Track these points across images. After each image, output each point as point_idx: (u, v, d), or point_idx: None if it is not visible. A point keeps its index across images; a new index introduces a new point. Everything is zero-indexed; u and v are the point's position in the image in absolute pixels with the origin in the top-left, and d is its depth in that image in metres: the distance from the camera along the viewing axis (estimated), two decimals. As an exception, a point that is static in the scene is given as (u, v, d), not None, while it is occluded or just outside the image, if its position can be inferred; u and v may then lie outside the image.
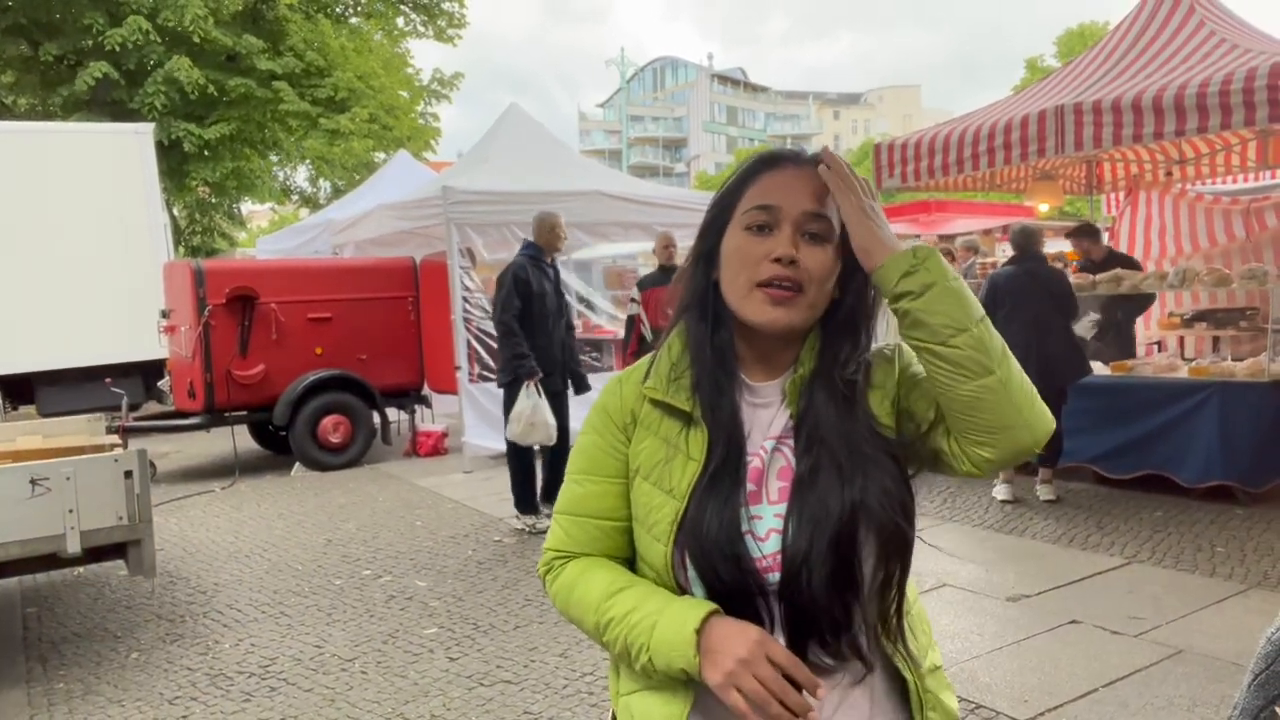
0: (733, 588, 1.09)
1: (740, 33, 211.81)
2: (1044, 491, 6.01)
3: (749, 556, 1.10)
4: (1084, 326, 7.57)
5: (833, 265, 1.16)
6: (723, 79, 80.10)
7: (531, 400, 5.50)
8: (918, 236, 17.01)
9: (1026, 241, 6.11)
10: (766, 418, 1.19)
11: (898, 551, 1.13)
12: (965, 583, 4.54)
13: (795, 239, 1.13)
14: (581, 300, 9.67)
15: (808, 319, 1.16)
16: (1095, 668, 3.51)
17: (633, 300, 6.48)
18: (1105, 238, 8.78)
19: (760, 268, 1.13)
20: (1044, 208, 9.40)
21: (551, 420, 5.55)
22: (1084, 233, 7.80)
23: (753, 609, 1.09)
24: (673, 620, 1.09)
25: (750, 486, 1.14)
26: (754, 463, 1.15)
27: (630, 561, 1.24)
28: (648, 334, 6.07)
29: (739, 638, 1.05)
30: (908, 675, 1.15)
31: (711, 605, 1.09)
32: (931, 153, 7.03)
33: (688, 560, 1.12)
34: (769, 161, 1.20)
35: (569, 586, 1.22)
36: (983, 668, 3.58)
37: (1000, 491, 6.06)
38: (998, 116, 6.64)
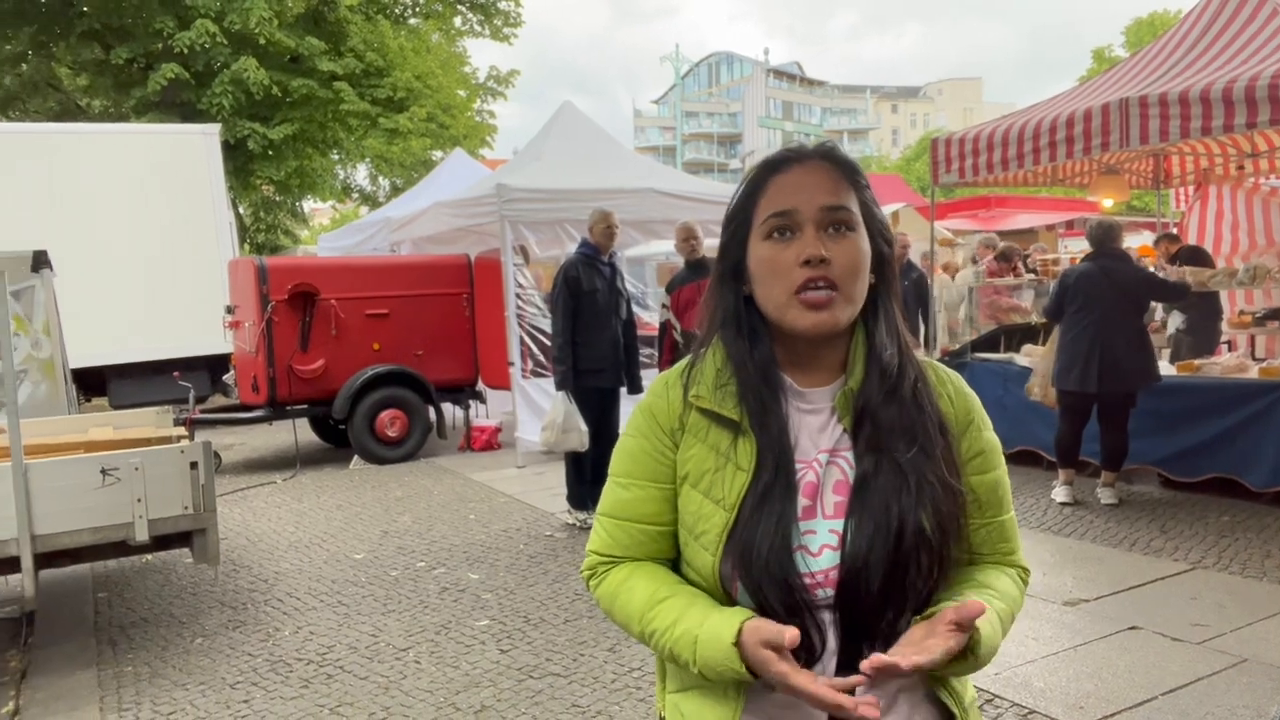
0: (782, 603, 1.09)
1: (808, 30, 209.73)
2: (1106, 494, 5.87)
3: (798, 574, 1.09)
4: (1173, 322, 7.42)
5: (865, 252, 1.15)
6: (779, 74, 79.44)
7: (564, 408, 5.53)
8: (977, 233, 16.73)
9: (1104, 236, 5.87)
10: (816, 424, 1.18)
11: (940, 563, 1.12)
12: (1021, 586, 4.45)
13: (820, 236, 1.12)
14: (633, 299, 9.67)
15: (851, 314, 1.14)
16: (1154, 675, 3.43)
17: (663, 306, 6.37)
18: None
19: (793, 274, 1.12)
20: (1108, 203, 9.16)
21: (584, 427, 5.55)
22: (1164, 237, 8.34)
23: (800, 624, 1.08)
24: (711, 636, 1.08)
25: (805, 501, 1.13)
26: (808, 476, 1.14)
27: (674, 562, 1.23)
28: (679, 339, 5.99)
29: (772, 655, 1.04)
30: (954, 708, 1.15)
31: (744, 614, 1.08)
32: (990, 147, 6.90)
33: (737, 574, 1.12)
34: (774, 165, 1.18)
35: (611, 594, 1.22)
36: (1038, 673, 3.51)
37: (1060, 494, 5.94)
38: (1059, 110, 6.49)
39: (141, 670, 3.95)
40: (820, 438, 1.17)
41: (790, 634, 1.01)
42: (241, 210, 18.30)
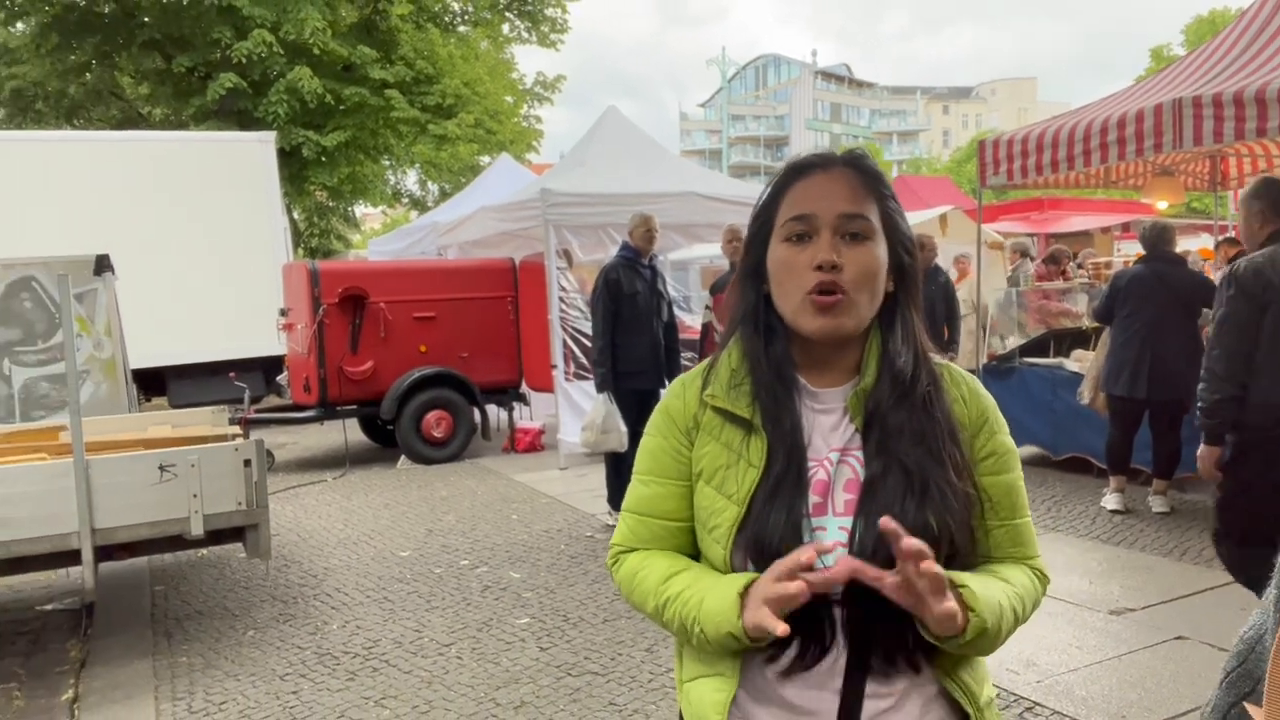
0: None
1: (858, 32, 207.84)
2: (1157, 503, 5.75)
3: (809, 567, 1.11)
4: None
5: (879, 261, 1.17)
6: (827, 75, 78.90)
7: (604, 409, 5.59)
8: (1030, 236, 16.46)
9: (1157, 239, 5.76)
10: (828, 424, 1.20)
11: (947, 563, 1.13)
12: (1066, 594, 4.40)
13: (835, 243, 1.15)
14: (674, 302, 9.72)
15: (860, 321, 1.17)
16: (1200, 685, 3.36)
17: (706, 308, 6.43)
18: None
19: (805, 277, 1.15)
20: (1163, 205, 8.97)
21: (623, 428, 5.59)
22: (1224, 241, 8.16)
23: (814, 617, 1.11)
24: (719, 591, 1.12)
25: (815, 499, 1.15)
26: (819, 474, 1.16)
27: (695, 558, 1.27)
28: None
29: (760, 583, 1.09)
30: (967, 708, 1.16)
31: (755, 575, 1.11)
32: (1040, 149, 6.80)
33: (749, 566, 1.15)
34: (798, 170, 1.21)
35: (631, 574, 1.27)
36: (1080, 681, 3.47)
37: (1110, 501, 5.83)
38: (1111, 110, 6.38)
39: (195, 661, 4.08)
40: (832, 437, 1.19)
41: (782, 628, 1.04)
42: (295, 215, 18.70)
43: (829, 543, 1.11)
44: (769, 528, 1.12)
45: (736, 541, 1.15)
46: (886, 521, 1.03)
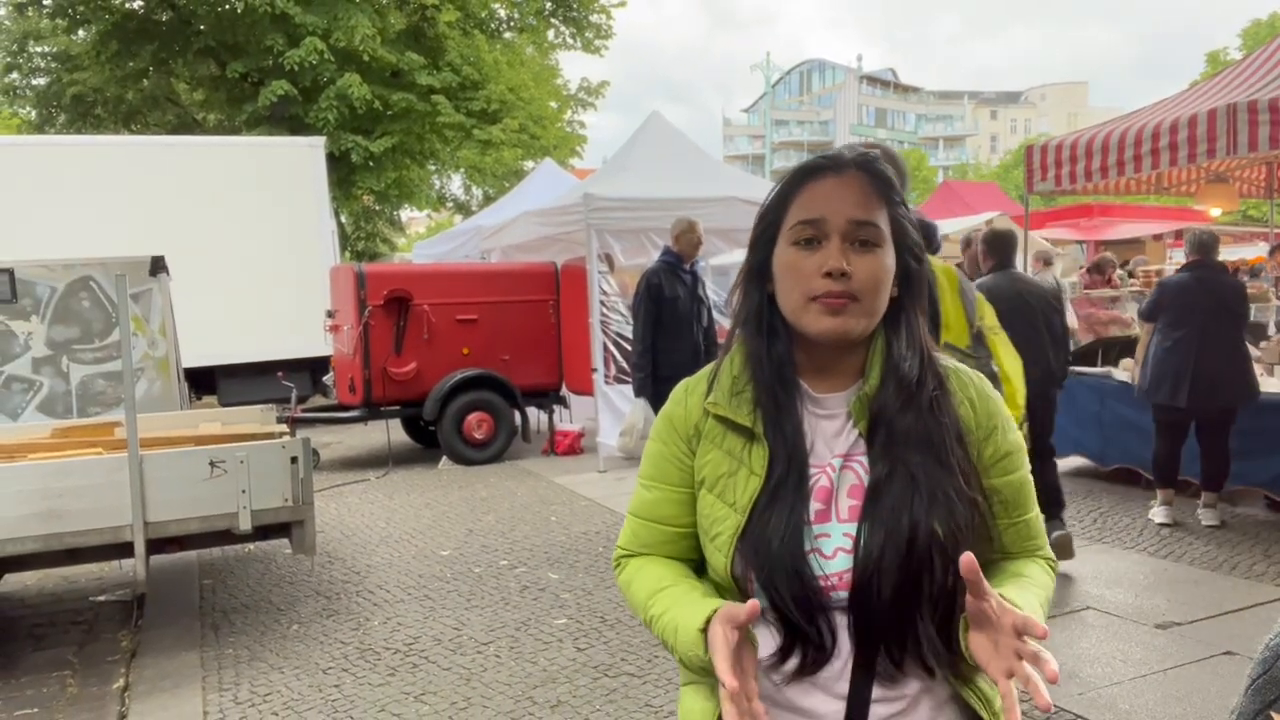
0: (795, 603, 1.10)
1: (907, 36, 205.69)
2: (1206, 515, 5.62)
3: (811, 574, 1.10)
4: None
5: (887, 270, 1.15)
6: (872, 80, 78.24)
7: (642, 414, 5.61)
8: (1079, 244, 16.17)
9: (1203, 248, 5.68)
10: (831, 429, 1.18)
11: (954, 568, 1.11)
12: (1112, 607, 4.33)
13: (844, 250, 1.12)
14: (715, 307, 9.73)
15: (867, 326, 1.15)
16: (1250, 703, 3.29)
17: None
18: None
19: (813, 282, 1.12)
20: (1216, 212, 8.77)
21: None
22: (1278, 248, 8.17)
23: (814, 625, 1.10)
24: (686, 623, 1.11)
25: (818, 505, 1.14)
26: (821, 481, 1.15)
27: (700, 564, 1.26)
28: None
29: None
30: (983, 714, 1.15)
31: (717, 604, 1.09)
32: (1089, 154, 6.70)
33: (751, 575, 1.14)
34: (809, 172, 1.18)
35: (627, 582, 1.28)
36: (1124, 695, 3.41)
37: (1158, 514, 5.71)
38: (1163, 115, 6.27)
39: (241, 653, 4.18)
40: (835, 442, 1.18)
41: (750, 605, 1.01)
42: (343, 219, 19.00)
43: (831, 547, 1.13)
44: (769, 536, 1.11)
45: (738, 549, 1.14)
46: (969, 561, 0.99)
